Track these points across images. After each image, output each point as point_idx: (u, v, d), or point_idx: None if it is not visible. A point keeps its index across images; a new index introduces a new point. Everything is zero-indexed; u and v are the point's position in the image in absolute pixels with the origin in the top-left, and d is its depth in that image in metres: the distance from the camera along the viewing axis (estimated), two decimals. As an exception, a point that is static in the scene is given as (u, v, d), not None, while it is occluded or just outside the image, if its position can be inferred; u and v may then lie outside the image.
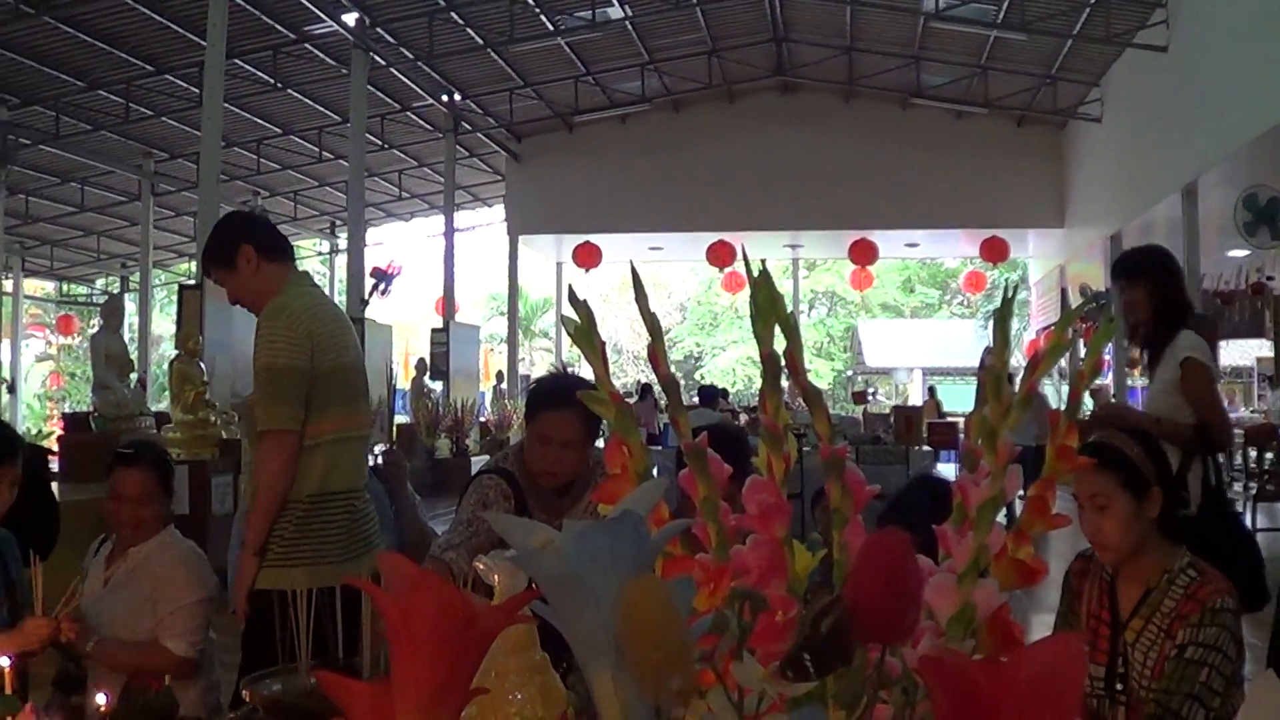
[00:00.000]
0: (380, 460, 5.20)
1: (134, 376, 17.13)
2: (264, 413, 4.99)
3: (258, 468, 5.02)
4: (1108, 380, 22.75)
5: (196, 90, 20.01)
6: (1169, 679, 3.51)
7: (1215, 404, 6.30)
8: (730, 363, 52.17)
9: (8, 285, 31.81)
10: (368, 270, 21.49)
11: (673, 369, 1.58)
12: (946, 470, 16.88)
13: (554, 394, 4.81)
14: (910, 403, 23.34)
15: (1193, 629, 3.53)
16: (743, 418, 21.47)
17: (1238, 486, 18.13)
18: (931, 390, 28.72)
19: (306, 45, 21.44)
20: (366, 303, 20.85)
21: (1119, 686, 3.69)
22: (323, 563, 4.88)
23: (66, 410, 31.00)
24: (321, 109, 25.08)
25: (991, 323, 1.55)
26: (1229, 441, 6.03)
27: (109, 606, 4.81)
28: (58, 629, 4.26)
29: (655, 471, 1.55)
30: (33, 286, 39.28)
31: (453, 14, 20.99)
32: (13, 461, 4.70)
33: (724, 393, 27.16)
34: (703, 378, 47.14)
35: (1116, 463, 3.74)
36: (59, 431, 16.97)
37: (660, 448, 14.12)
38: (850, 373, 50.86)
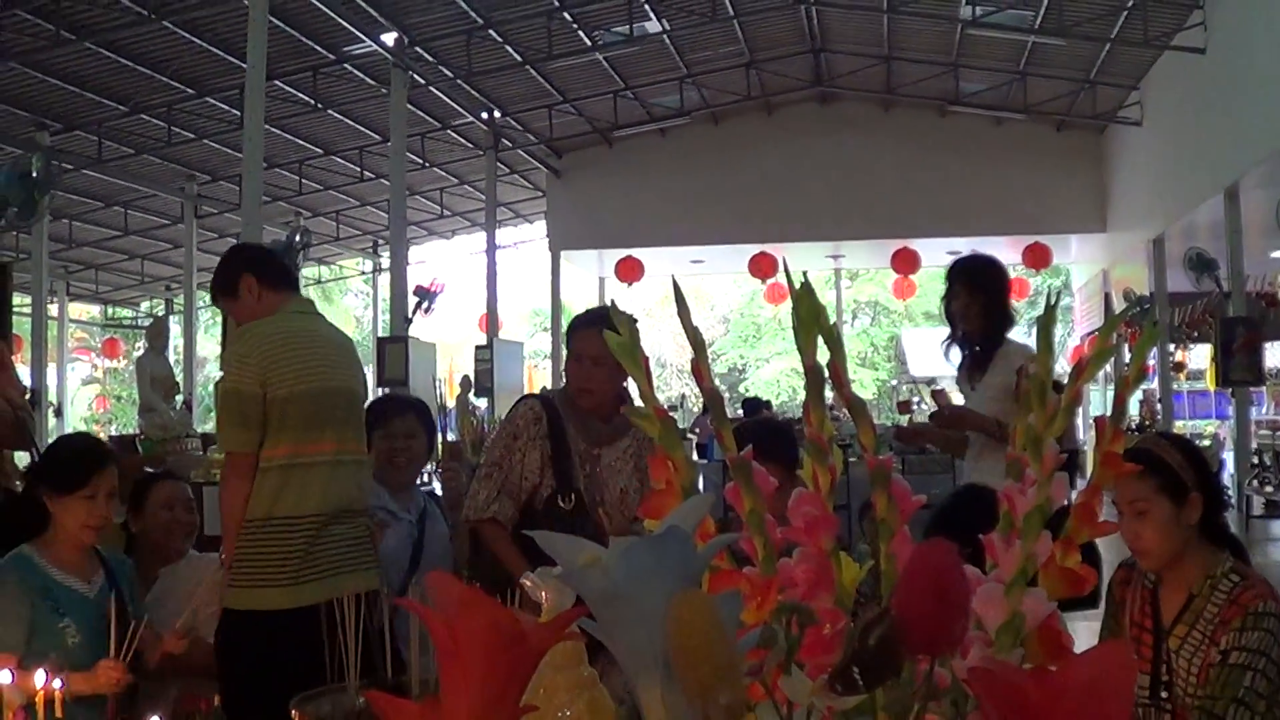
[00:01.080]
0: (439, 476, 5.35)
1: (180, 398, 17.18)
2: (219, 434, 5.47)
3: (220, 488, 5.29)
4: (1153, 385, 22.67)
5: (237, 112, 20.10)
6: (1214, 685, 3.50)
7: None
8: (774, 374, 52.05)
9: (53, 310, 31.94)
10: (411, 289, 21.54)
11: (716, 382, 1.59)
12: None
13: (586, 315, 5.44)
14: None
15: (1235, 634, 3.52)
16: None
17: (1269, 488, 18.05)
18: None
19: (346, 65, 21.52)
20: (410, 321, 20.91)
21: (1164, 694, 3.68)
22: (270, 585, 4.96)
23: (113, 433, 31.16)
24: (362, 129, 25.17)
25: (1035, 330, 1.55)
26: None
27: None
28: (126, 674, 4.30)
29: (701, 485, 1.55)
30: (78, 310, 39.51)
31: (491, 32, 21.04)
32: (106, 470, 4.78)
33: (767, 404, 27.10)
34: (746, 390, 47.03)
35: (1155, 468, 3.73)
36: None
37: (706, 461, 14.10)
38: (895, 382, 50.68)
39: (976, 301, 6.52)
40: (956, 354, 6.87)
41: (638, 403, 1.61)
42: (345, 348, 5.70)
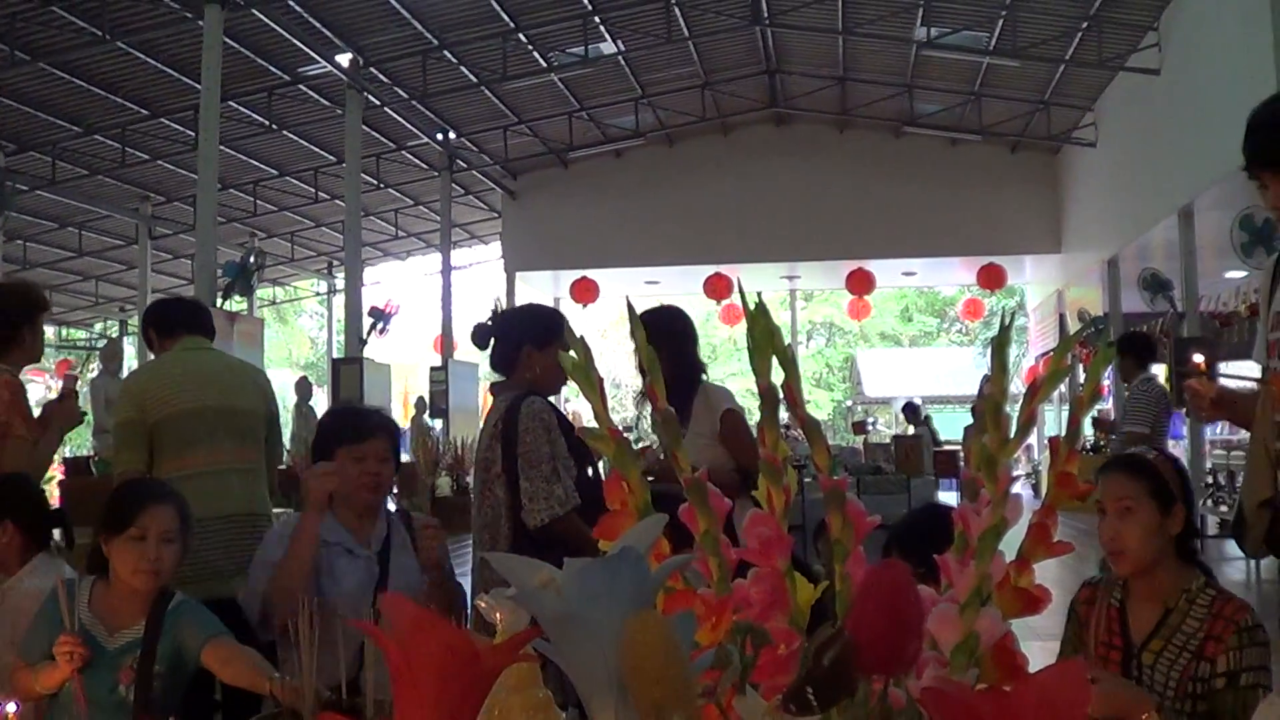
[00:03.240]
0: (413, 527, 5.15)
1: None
2: (115, 460, 6.22)
3: None
4: (1108, 405, 22.74)
5: (192, 133, 20.06)
6: (1222, 704, 3.51)
7: (755, 449, 6.49)
8: (729, 395, 52.08)
9: (6, 331, 31.76)
10: (366, 310, 21.49)
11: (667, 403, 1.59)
12: (948, 499, 16.85)
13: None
14: (910, 432, 23.33)
15: (1234, 652, 3.54)
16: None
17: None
18: (927, 419, 28.43)
19: (301, 86, 21.49)
20: (365, 342, 20.86)
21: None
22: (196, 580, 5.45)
23: (67, 455, 30.98)
24: (317, 149, 25.13)
25: (990, 350, 1.55)
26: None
27: None
28: (78, 644, 4.20)
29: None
30: (31, 332, 39.28)
31: (446, 52, 21.03)
32: (157, 509, 4.54)
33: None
34: (702, 411, 47.02)
35: (1147, 471, 3.76)
36: (60, 476, 16.96)
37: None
38: (850, 403, 50.80)
39: (664, 352, 6.47)
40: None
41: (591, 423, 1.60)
42: (234, 371, 6.61)
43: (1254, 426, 3.42)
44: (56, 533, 5.69)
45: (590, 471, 5.46)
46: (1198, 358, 4.14)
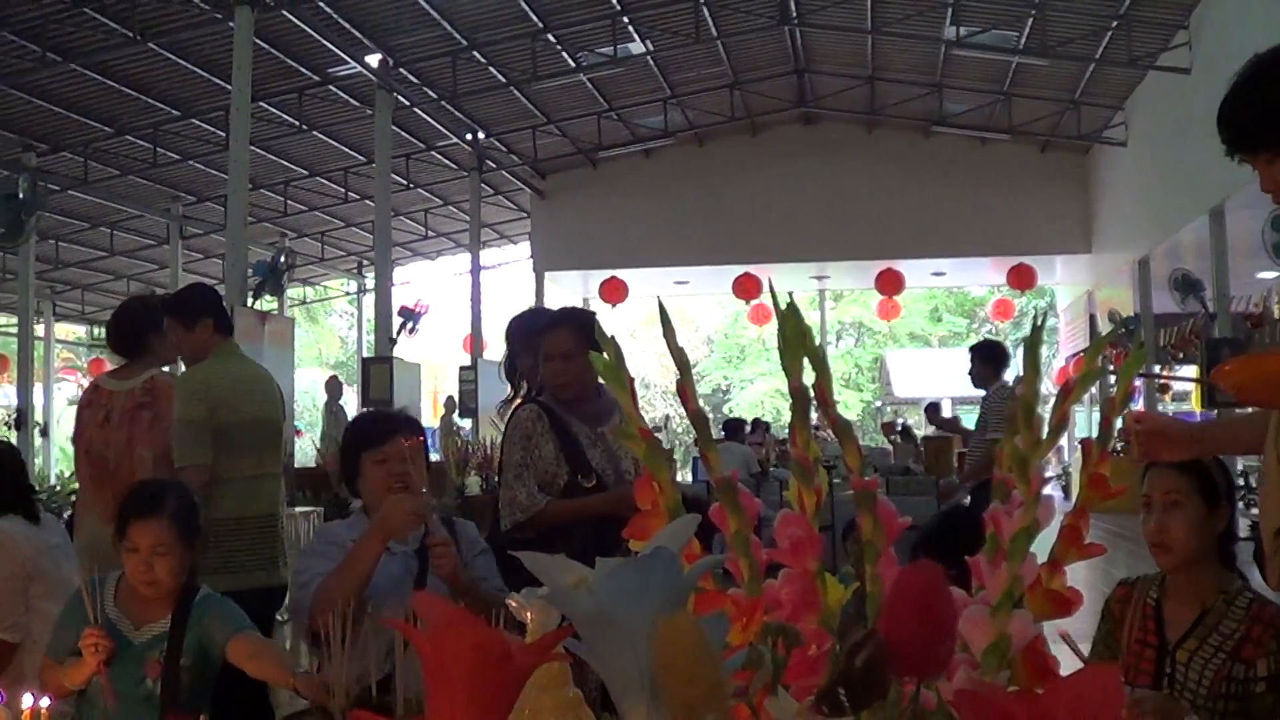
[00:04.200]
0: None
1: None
2: (184, 452, 6.33)
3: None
4: (1139, 406, 22.68)
5: (223, 134, 20.10)
6: (1260, 707, 3.51)
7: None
8: (758, 395, 51.94)
9: (39, 330, 31.88)
10: (395, 309, 21.50)
11: (700, 403, 1.58)
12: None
13: (549, 318, 5.90)
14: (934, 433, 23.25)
15: (1275, 655, 3.53)
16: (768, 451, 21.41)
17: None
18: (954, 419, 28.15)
19: (330, 87, 21.53)
20: (394, 341, 20.87)
21: None
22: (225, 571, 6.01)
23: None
24: (347, 150, 25.18)
25: (1021, 351, 1.55)
26: None
27: None
28: (102, 636, 4.20)
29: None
30: (64, 331, 39.46)
31: (475, 53, 21.05)
32: (148, 523, 4.47)
33: (762, 424, 27.03)
34: (730, 411, 46.84)
35: (1195, 468, 3.75)
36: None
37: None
38: (879, 403, 50.65)
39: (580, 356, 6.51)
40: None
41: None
42: (266, 381, 6.88)
43: (1266, 445, 3.36)
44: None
45: (588, 478, 5.52)
46: (1136, 408, 4.03)
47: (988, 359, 12.44)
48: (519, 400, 6.38)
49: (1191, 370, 22.54)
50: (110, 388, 6.70)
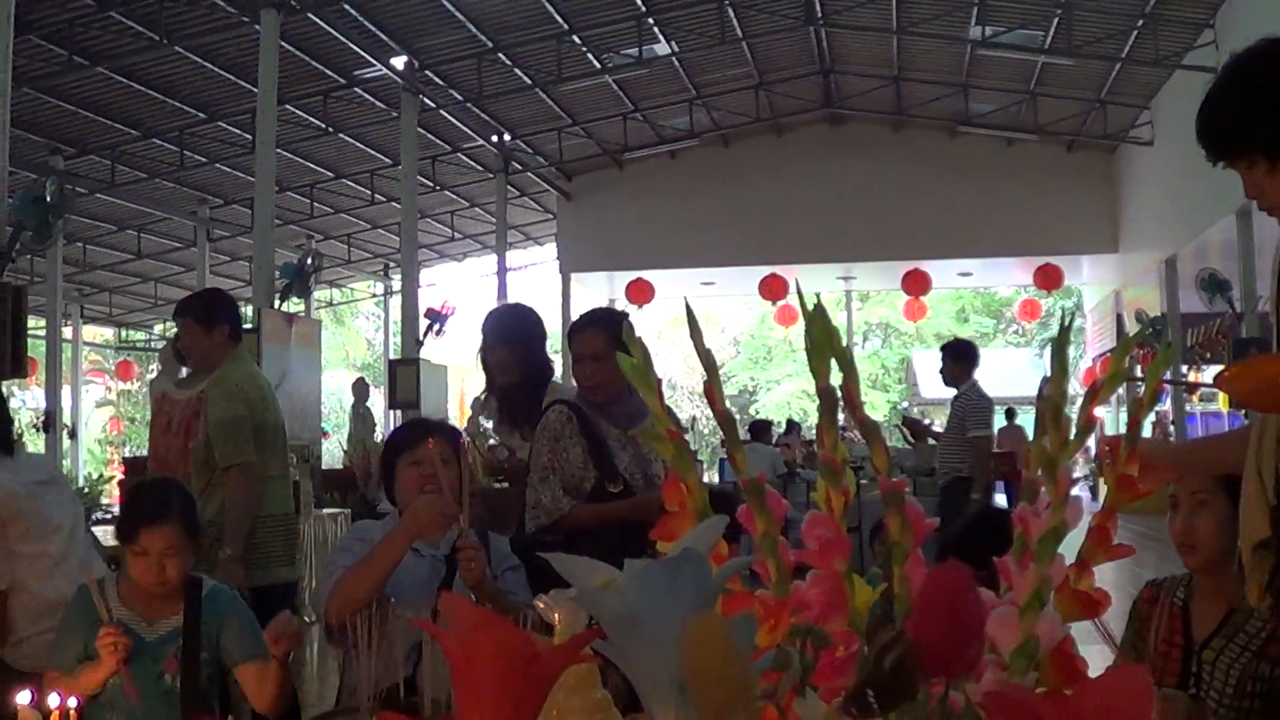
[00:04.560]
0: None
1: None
2: (232, 450, 6.61)
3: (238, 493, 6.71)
4: (1166, 407, 22.62)
5: (249, 136, 20.18)
6: None
7: None
8: (785, 396, 51.81)
9: (67, 332, 31.98)
10: (422, 311, 21.53)
11: (727, 404, 1.59)
12: (1001, 500, 16.75)
13: (581, 319, 5.90)
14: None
15: None
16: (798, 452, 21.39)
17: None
18: (1010, 414, 27.72)
19: (356, 89, 21.59)
20: (421, 343, 20.91)
21: None
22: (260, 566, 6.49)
23: (127, 454, 31.17)
24: (373, 152, 25.24)
25: (1048, 351, 1.55)
26: None
27: None
28: (119, 634, 4.21)
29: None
30: (91, 333, 39.61)
31: (500, 55, 21.09)
32: (159, 528, 4.45)
33: (795, 425, 27.03)
34: (757, 412, 46.73)
35: None
36: (120, 476, 17.03)
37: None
38: (906, 404, 50.51)
39: (514, 353, 6.50)
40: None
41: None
42: (272, 387, 7.28)
43: (1246, 458, 3.33)
44: None
45: (615, 483, 5.52)
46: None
47: (959, 358, 12.46)
48: (486, 394, 6.70)
49: (1218, 370, 22.50)
50: (175, 396, 7.04)
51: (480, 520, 4.97)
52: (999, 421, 28.23)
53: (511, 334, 6.54)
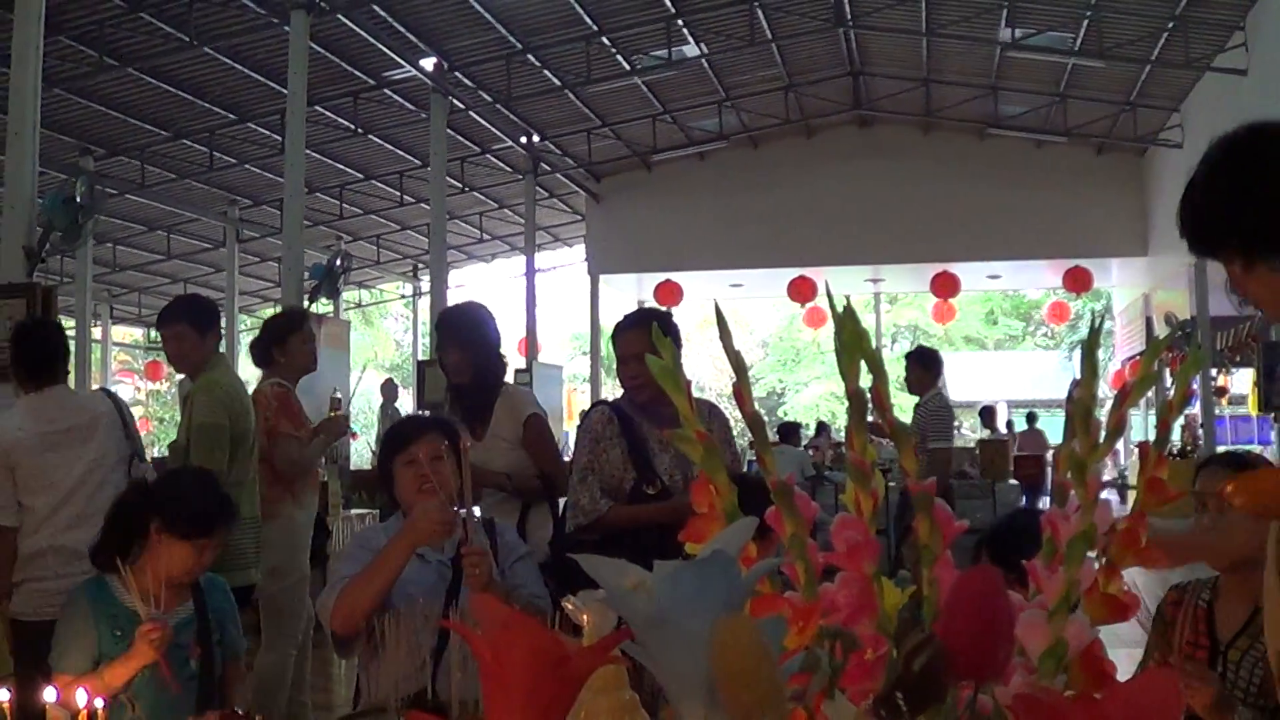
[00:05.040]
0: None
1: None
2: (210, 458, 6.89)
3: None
4: (1195, 410, 22.54)
5: (279, 137, 20.18)
6: None
7: (558, 456, 6.83)
8: (813, 399, 51.74)
9: (97, 333, 32.11)
10: (450, 312, 21.52)
11: (756, 406, 1.59)
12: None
13: (626, 320, 6.01)
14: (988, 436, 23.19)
15: None
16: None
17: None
18: (1031, 417, 27.92)
19: (386, 91, 21.60)
20: (449, 344, 20.91)
21: None
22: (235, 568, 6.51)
23: (156, 454, 31.24)
24: (402, 153, 25.24)
25: (1078, 354, 1.55)
26: (566, 488, 6.38)
27: None
28: (163, 627, 4.26)
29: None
30: (121, 333, 39.76)
31: (530, 56, 21.08)
32: (221, 531, 4.78)
33: (826, 427, 27.00)
34: (785, 414, 46.69)
35: (1244, 468, 3.75)
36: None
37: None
38: (935, 406, 50.37)
39: (466, 354, 6.50)
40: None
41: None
42: (248, 394, 7.53)
43: (1267, 567, 3.28)
44: None
45: (653, 485, 5.61)
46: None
47: (926, 365, 12.47)
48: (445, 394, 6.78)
49: (1248, 374, 22.36)
50: (257, 397, 7.62)
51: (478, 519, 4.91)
52: (1019, 424, 28.44)
53: (464, 336, 6.61)
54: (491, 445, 6.39)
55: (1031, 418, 26.67)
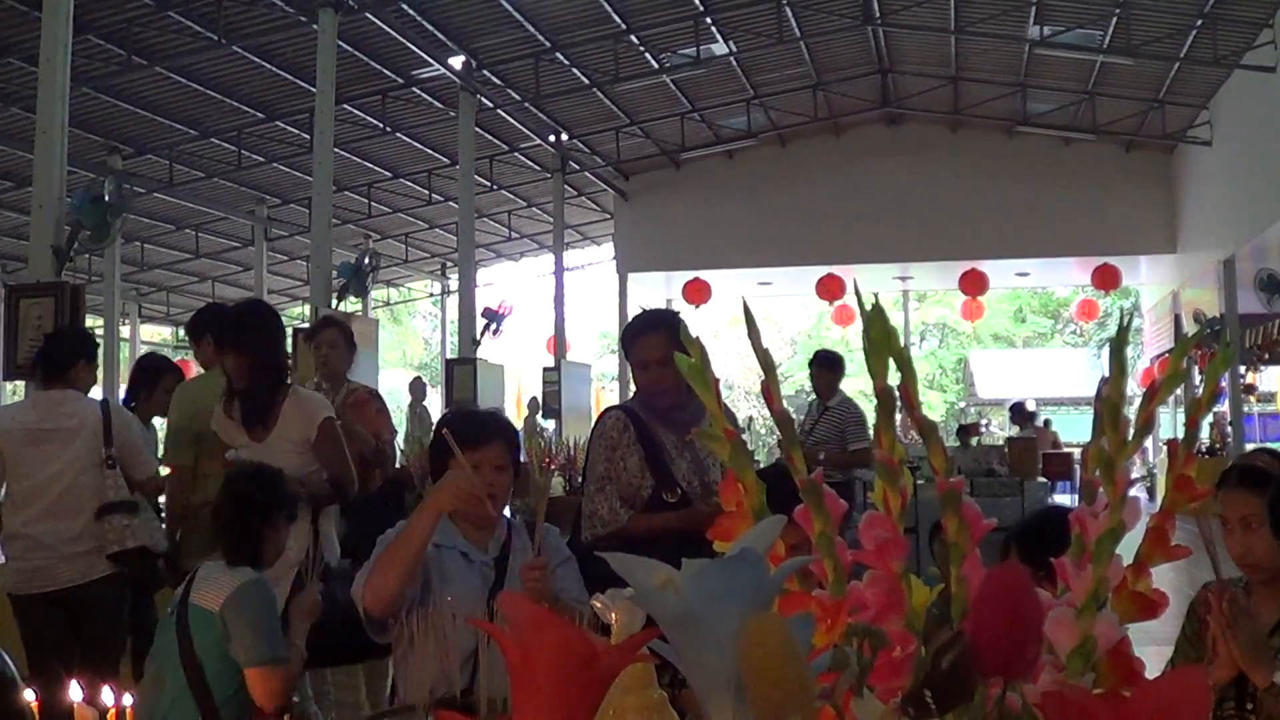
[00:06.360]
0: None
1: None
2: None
3: None
4: (1224, 407, 22.45)
5: (307, 136, 20.19)
6: None
7: (346, 460, 6.73)
8: (841, 397, 51.58)
9: (125, 331, 32.17)
10: (479, 311, 21.56)
11: (784, 404, 1.59)
12: (1061, 502, 16.65)
13: (641, 323, 5.75)
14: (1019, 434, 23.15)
15: None
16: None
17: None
18: (1046, 423, 28.11)
19: (414, 89, 21.63)
20: (478, 343, 20.92)
21: (1249, 705, 3.68)
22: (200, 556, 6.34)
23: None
24: (430, 152, 25.27)
25: (1107, 352, 1.55)
26: (354, 493, 6.65)
27: None
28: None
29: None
30: (149, 332, 39.78)
31: (558, 54, 21.08)
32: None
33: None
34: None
35: (1265, 484, 3.74)
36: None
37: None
38: (963, 404, 50.32)
39: (243, 358, 6.50)
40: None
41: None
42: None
43: None
44: None
45: (671, 493, 5.48)
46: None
47: (832, 368, 12.48)
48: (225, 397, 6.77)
49: (1277, 372, 22.29)
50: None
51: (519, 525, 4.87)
52: (1053, 422, 28.40)
53: (240, 339, 6.60)
54: (277, 447, 6.41)
55: (1032, 416, 26.71)
